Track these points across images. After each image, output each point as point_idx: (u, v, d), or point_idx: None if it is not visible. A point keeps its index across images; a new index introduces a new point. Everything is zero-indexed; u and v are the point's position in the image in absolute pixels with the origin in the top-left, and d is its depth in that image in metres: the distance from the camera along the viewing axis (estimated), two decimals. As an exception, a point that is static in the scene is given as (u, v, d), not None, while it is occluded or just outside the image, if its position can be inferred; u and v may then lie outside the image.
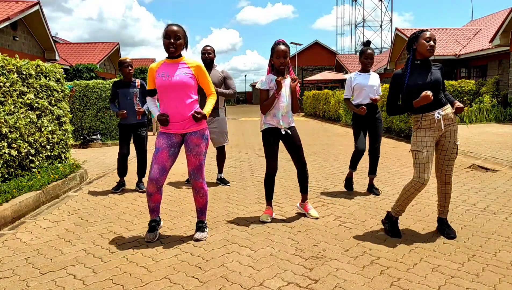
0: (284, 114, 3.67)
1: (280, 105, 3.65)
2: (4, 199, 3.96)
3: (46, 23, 16.59)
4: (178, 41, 3.17)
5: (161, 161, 3.20)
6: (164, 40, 3.18)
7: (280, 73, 3.67)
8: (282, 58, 3.57)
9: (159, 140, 3.24)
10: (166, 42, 3.17)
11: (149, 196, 3.28)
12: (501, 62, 15.69)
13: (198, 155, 3.25)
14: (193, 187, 3.35)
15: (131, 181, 5.57)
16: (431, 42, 3.09)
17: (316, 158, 7.51)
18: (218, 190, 5.02)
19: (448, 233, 3.23)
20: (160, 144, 3.22)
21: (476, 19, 26.32)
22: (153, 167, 3.20)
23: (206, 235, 3.34)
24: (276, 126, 3.69)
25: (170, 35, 3.15)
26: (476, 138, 9.19)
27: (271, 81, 3.67)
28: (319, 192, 4.82)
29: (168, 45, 3.15)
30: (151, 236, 3.28)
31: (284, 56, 3.57)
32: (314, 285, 2.47)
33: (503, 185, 4.97)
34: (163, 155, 3.20)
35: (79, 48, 24.73)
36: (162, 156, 3.20)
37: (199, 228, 3.37)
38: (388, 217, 3.35)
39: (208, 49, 4.99)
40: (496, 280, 2.48)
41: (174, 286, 2.50)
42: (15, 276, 2.67)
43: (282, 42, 3.60)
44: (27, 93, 4.96)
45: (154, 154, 3.23)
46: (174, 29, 3.16)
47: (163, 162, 3.20)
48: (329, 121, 17.35)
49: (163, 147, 3.21)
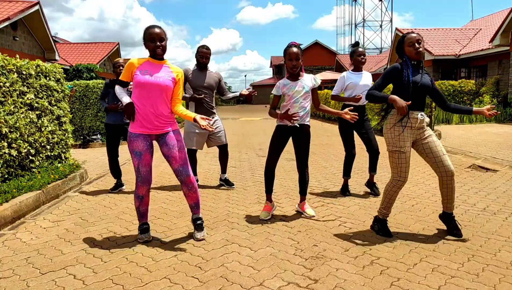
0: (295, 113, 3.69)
1: (290, 105, 3.70)
2: (4, 199, 3.96)
3: (46, 23, 16.59)
4: (163, 43, 3.16)
5: (147, 163, 3.21)
6: (149, 44, 3.13)
7: (293, 75, 3.69)
8: (294, 60, 3.56)
9: (137, 143, 3.16)
10: (152, 46, 3.12)
11: (140, 200, 3.27)
12: (501, 62, 15.69)
13: (182, 149, 3.25)
14: (184, 184, 3.28)
15: (131, 181, 5.58)
16: (415, 45, 3.11)
17: (316, 158, 7.51)
18: (218, 190, 5.02)
19: (456, 233, 3.21)
20: (140, 148, 3.16)
21: (476, 19, 26.33)
22: (142, 170, 3.19)
23: (205, 233, 3.35)
24: (287, 124, 3.73)
25: (155, 38, 3.12)
26: (476, 138, 9.19)
27: (284, 86, 3.71)
28: (319, 192, 4.82)
29: (155, 48, 3.12)
30: (146, 235, 3.27)
31: (296, 58, 3.57)
32: (314, 285, 2.47)
33: (503, 185, 4.97)
34: (146, 157, 3.20)
35: (79, 48, 24.75)
36: (147, 158, 3.20)
37: (198, 227, 3.34)
38: (377, 220, 3.36)
39: (207, 54, 4.89)
40: (496, 280, 2.48)
41: (174, 286, 2.50)
42: (15, 276, 2.67)
43: (294, 45, 3.61)
44: (27, 93, 4.95)
45: (137, 158, 3.17)
46: (158, 31, 3.13)
47: (149, 163, 3.22)
48: (329, 121, 17.35)
49: (144, 149, 3.18)
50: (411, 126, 3.14)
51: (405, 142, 3.12)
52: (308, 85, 3.70)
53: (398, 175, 3.14)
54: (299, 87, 3.67)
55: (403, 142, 3.12)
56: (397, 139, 3.14)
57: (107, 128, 5.04)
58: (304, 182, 3.89)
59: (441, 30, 21.19)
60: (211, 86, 4.95)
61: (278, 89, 3.75)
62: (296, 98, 3.66)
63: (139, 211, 3.31)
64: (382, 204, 3.30)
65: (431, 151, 3.19)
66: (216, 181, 5.51)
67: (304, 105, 3.70)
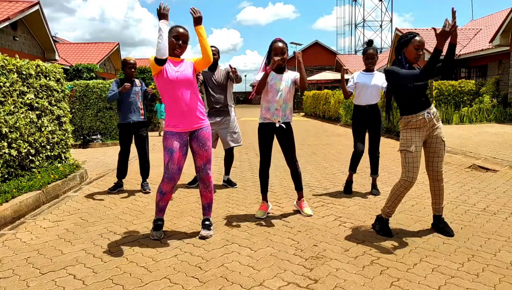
0: (278, 108, 3.74)
1: (273, 99, 3.73)
2: (4, 199, 3.96)
3: (46, 23, 16.59)
4: (184, 45, 3.24)
5: (177, 161, 3.22)
6: (172, 40, 3.19)
7: (278, 69, 3.73)
8: (280, 54, 3.63)
9: (171, 141, 3.22)
10: (173, 43, 3.19)
11: (162, 195, 3.29)
12: (501, 62, 15.69)
13: (208, 149, 3.34)
14: (202, 181, 3.36)
15: (131, 181, 5.58)
16: (419, 51, 3.12)
17: (316, 158, 7.50)
18: (218, 190, 5.01)
19: (446, 231, 3.26)
20: (173, 145, 3.21)
21: (476, 19, 26.33)
22: (170, 168, 3.20)
23: (212, 233, 3.36)
24: (270, 120, 3.76)
25: (180, 37, 3.20)
26: (476, 138, 9.19)
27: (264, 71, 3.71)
28: (319, 192, 4.81)
29: (175, 46, 3.20)
30: (157, 234, 3.30)
31: (282, 53, 3.64)
32: (314, 285, 2.47)
33: (503, 185, 4.97)
34: (178, 155, 3.22)
35: (79, 48, 24.74)
36: (178, 157, 3.22)
37: (205, 226, 3.39)
38: (379, 219, 3.37)
39: (213, 50, 4.89)
40: (496, 280, 2.48)
41: (174, 286, 2.50)
42: (15, 276, 2.67)
43: (279, 40, 3.68)
44: (27, 93, 4.95)
45: (168, 155, 3.20)
46: (185, 32, 3.23)
47: (179, 163, 3.23)
48: (329, 121, 17.35)
49: (177, 147, 3.21)
50: (419, 127, 3.15)
51: (412, 142, 3.14)
52: (290, 78, 3.77)
53: (405, 175, 3.15)
54: (283, 80, 3.74)
55: (409, 142, 3.15)
56: (404, 139, 3.18)
57: (121, 127, 4.98)
58: (298, 177, 3.94)
59: (441, 30, 21.14)
60: (221, 84, 4.90)
61: (259, 75, 3.76)
62: (279, 91, 3.72)
63: (158, 205, 3.35)
64: (387, 203, 3.29)
65: (429, 149, 3.24)
66: (216, 181, 5.51)
67: (287, 100, 3.75)
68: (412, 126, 3.15)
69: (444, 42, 2.81)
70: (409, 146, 3.14)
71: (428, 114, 3.14)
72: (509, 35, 14.25)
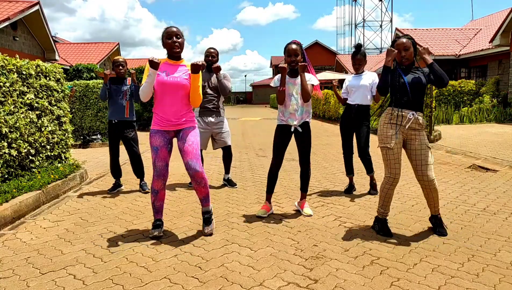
0: (292, 112, 3.76)
1: (287, 104, 3.77)
2: (4, 199, 3.96)
3: (46, 23, 16.60)
4: (180, 39, 3.28)
5: (163, 157, 3.32)
6: (166, 41, 3.26)
7: (292, 72, 3.77)
8: (293, 56, 3.68)
9: (155, 139, 3.31)
10: (169, 43, 3.25)
11: (155, 194, 3.34)
12: (501, 62, 15.69)
13: (195, 145, 3.33)
14: (194, 178, 3.33)
15: (131, 181, 5.58)
16: (402, 53, 3.20)
17: (316, 158, 7.50)
18: (218, 190, 5.01)
19: (440, 231, 3.27)
20: (157, 143, 3.31)
21: (476, 19, 26.34)
22: (157, 164, 3.31)
23: (214, 226, 3.45)
24: (286, 123, 3.79)
25: (171, 35, 3.25)
26: (476, 138, 9.19)
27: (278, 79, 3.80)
28: (319, 192, 4.82)
29: (172, 45, 3.25)
30: (157, 230, 3.33)
31: (295, 54, 3.68)
32: (314, 285, 2.47)
33: (503, 185, 4.97)
34: (163, 152, 3.32)
35: (79, 48, 24.75)
36: (163, 153, 3.32)
37: (206, 221, 3.41)
38: (377, 219, 3.40)
39: (212, 52, 4.93)
40: (496, 280, 2.48)
41: (174, 286, 2.50)
42: (15, 276, 2.67)
43: (293, 42, 3.74)
44: (27, 93, 4.95)
45: (154, 153, 3.32)
46: (174, 29, 3.28)
47: (165, 159, 3.34)
48: (329, 121, 17.34)
49: (161, 145, 3.31)
50: (400, 124, 3.19)
51: (392, 139, 3.18)
52: None
53: (388, 172, 3.24)
54: (296, 85, 3.75)
55: (390, 139, 3.19)
56: (384, 136, 3.23)
57: (109, 125, 5.05)
58: (306, 178, 3.96)
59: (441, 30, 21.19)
60: (216, 88, 4.95)
61: (275, 81, 3.82)
62: (292, 95, 3.74)
63: (154, 206, 3.40)
64: (379, 203, 3.36)
65: (415, 157, 3.24)
66: (216, 181, 5.51)
67: (301, 104, 3.75)
68: (393, 122, 3.19)
69: (389, 60, 3.15)
70: (388, 142, 3.19)
71: (412, 115, 3.18)
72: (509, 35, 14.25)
